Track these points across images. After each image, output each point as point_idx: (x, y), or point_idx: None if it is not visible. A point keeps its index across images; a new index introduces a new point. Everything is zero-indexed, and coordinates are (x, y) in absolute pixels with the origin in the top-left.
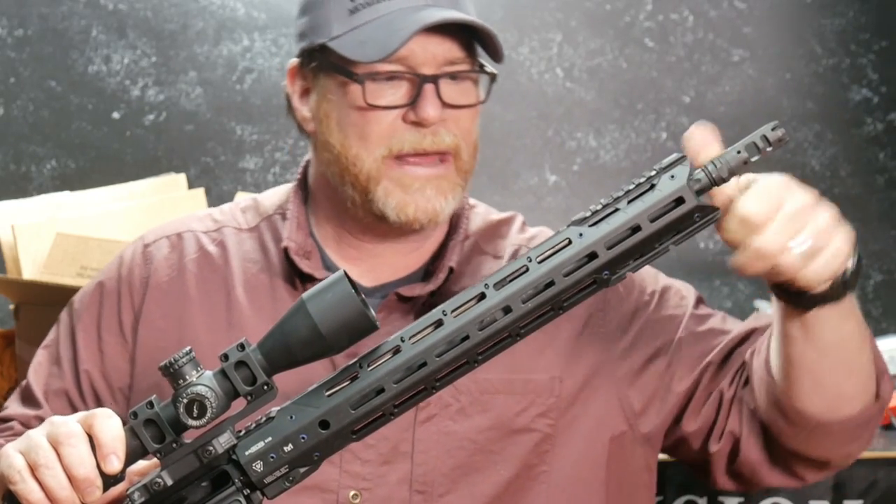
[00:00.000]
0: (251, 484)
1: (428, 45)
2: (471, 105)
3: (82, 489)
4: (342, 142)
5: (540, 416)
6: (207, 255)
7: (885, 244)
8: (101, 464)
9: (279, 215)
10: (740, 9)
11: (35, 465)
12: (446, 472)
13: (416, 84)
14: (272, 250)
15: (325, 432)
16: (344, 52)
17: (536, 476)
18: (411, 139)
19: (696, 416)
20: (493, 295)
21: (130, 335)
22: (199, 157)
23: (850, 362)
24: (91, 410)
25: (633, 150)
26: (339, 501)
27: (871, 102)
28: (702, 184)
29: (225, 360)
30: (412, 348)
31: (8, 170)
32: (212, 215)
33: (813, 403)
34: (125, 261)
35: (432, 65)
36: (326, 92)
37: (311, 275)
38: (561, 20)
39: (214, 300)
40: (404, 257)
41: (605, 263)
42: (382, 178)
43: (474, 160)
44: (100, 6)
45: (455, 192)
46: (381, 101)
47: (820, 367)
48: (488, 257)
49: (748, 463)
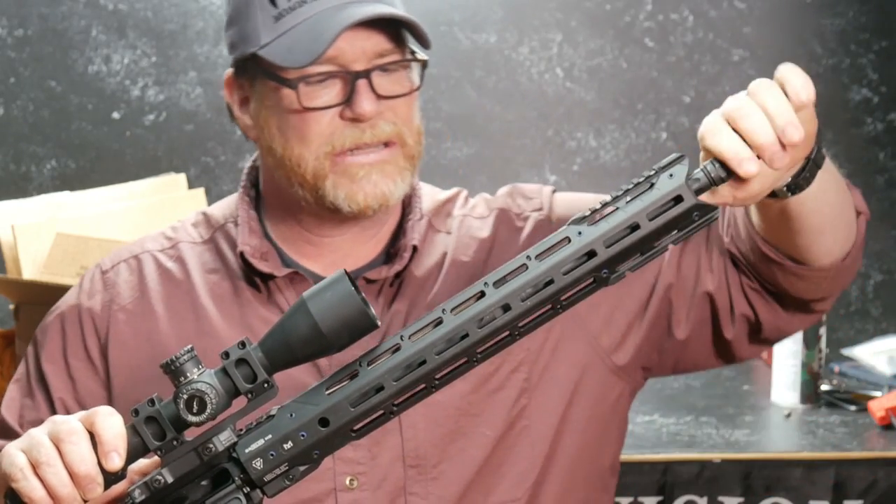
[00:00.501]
0: (251, 482)
1: (356, 40)
2: (405, 94)
3: (83, 486)
4: (284, 145)
5: (513, 373)
6: (167, 271)
7: (885, 244)
8: (102, 461)
9: (231, 223)
10: (740, 9)
11: (36, 462)
12: (436, 443)
13: (349, 81)
14: (230, 257)
15: (325, 430)
16: (274, 60)
17: (520, 432)
18: (351, 135)
19: (731, 319)
20: (493, 293)
21: (100, 360)
22: (199, 157)
23: (842, 201)
24: (93, 408)
25: (633, 150)
26: (336, 489)
27: (871, 102)
28: (700, 183)
29: (226, 358)
30: (412, 346)
31: (8, 170)
32: (164, 234)
33: (832, 251)
34: (84, 288)
35: (362, 60)
36: (263, 99)
37: (270, 274)
38: (561, 20)
39: (182, 314)
40: (363, 246)
41: (604, 262)
42: (328, 173)
43: (420, 145)
44: (100, 6)
45: (403, 175)
46: (316, 103)
47: (819, 223)
48: (442, 234)
49: (773, 327)
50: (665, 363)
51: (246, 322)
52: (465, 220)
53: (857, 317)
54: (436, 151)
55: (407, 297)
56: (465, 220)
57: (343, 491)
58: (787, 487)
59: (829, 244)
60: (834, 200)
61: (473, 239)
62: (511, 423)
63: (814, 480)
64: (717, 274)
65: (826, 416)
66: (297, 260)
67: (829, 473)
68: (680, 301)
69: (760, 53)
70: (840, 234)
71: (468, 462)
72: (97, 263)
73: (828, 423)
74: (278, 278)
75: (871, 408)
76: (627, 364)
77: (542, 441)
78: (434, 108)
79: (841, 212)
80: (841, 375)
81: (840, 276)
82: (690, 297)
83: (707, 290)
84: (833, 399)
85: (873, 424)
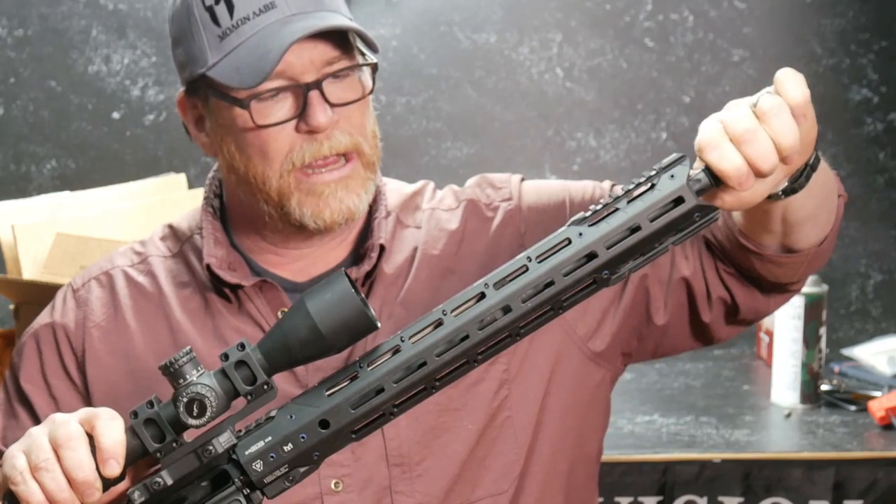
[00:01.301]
0: (251, 483)
1: (303, 52)
2: (358, 99)
3: (81, 491)
4: (245, 164)
5: (491, 365)
6: (139, 286)
7: (885, 244)
8: (101, 468)
9: (198, 235)
10: (740, 9)
11: (35, 466)
12: (418, 440)
13: (301, 94)
14: (198, 269)
15: (325, 432)
16: (223, 81)
17: (502, 423)
18: (310, 150)
19: (709, 304)
20: (493, 294)
21: (78, 376)
22: (199, 157)
23: (828, 191)
24: (95, 409)
25: (633, 150)
26: (322, 493)
27: (871, 102)
28: (702, 184)
29: (225, 360)
30: (412, 348)
31: (8, 170)
32: (133, 249)
33: (811, 237)
34: (56, 308)
35: (311, 71)
36: (218, 118)
37: (239, 284)
38: (561, 20)
39: (156, 328)
40: (331, 251)
41: (604, 263)
42: (293, 191)
43: (377, 150)
44: (100, 6)
45: (366, 186)
46: (270, 120)
47: (804, 216)
48: (410, 229)
49: (750, 308)
50: (645, 348)
51: (219, 333)
52: (433, 213)
53: (857, 317)
54: (436, 151)
55: (379, 295)
56: (433, 214)
57: (329, 494)
58: (787, 487)
59: (809, 232)
60: (820, 193)
61: (443, 231)
62: (492, 415)
63: (814, 480)
64: (692, 260)
65: (826, 416)
66: (266, 268)
67: (829, 473)
68: (657, 289)
69: (760, 53)
70: (821, 221)
71: (452, 457)
72: (69, 283)
73: (828, 423)
74: (247, 287)
75: (871, 408)
76: (605, 350)
77: (524, 431)
78: (434, 108)
79: (825, 201)
80: (841, 375)
81: (818, 259)
82: (667, 283)
83: (683, 275)
84: (833, 399)
85: (873, 424)
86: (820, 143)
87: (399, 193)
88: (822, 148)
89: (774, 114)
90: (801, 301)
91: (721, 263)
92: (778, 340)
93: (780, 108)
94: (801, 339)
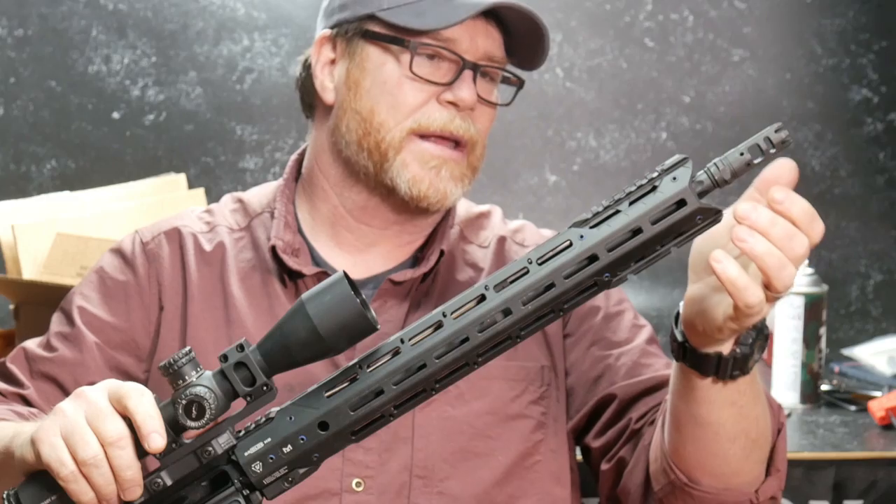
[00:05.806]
0: (250, 484)
1: (476, 35)
2: (497, 104)
3: (125, 489)
4: (371, 108)
5: (533, 404)
6: (205, 254)
7: (885, 244)
8: (144, 443)
9: (268, 213)
10: (740, 9)
11: (83, 462)
12: (446, 457)
13: (459, 67)
14: (263, 248)
15: (325, 434)
16: (397, 21)
17: (532, 465)
18: (440, 118)
19: (600, 435)
20: (494, 297)
21: (155, 316)
22: (199, 157)
23: (761, 418)
24: (119, 387)
25: (633, 150)
26: (342, 490)
27: (871, 102)
28: (704, 186)
29: (224, 361)
30: (412, 350)
31: (8, 170)
32: (203, 218)
33: (737, 473)
34: (127, 256)
35: (474, 55)
36: (363, 60)
37: (299, 271)
38: (561, 20)
39: (213, 299)
40: (397, 248)
41: (605, 266)
42: (402, 149)
43: (482, 160)
44: (100, 6)
45: (464, 181)
46: (423, 73)
47: (734, 430)
48: (473, 246)
49: (625, 493)
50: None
51: (273, 314)
52: (507, 242)
53: (857, 317)
54: None
55: (434, 299)
56: (507, 243)
57: (349, 492)
58: (787, 487)
59: (738, 459)
60: (751, 408)
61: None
62: (526, 455)
63: (814, 480)
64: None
65: (826, 416)
66: (328, 255)
67: (829, 473)
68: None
69: (760, 53)
70: (751, 454)
71: (478, 483)
72: (134, 231)
73: (828, 423)
74: (306, 276)
75: (871, 408)
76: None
77: (549, 481)
78: None
79: (755, 421)
80: (841, 375)
81: None
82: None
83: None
84: (833, 399)
85: (873, 424)
86: (820, 144)
87: (467, 210)
88: (823, 148)
89: (798, 243)
90: (801, 301)
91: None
92: (778, 340)
93: (802, 240)
94: (800, 339)
